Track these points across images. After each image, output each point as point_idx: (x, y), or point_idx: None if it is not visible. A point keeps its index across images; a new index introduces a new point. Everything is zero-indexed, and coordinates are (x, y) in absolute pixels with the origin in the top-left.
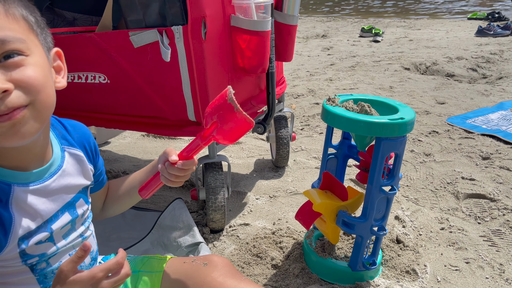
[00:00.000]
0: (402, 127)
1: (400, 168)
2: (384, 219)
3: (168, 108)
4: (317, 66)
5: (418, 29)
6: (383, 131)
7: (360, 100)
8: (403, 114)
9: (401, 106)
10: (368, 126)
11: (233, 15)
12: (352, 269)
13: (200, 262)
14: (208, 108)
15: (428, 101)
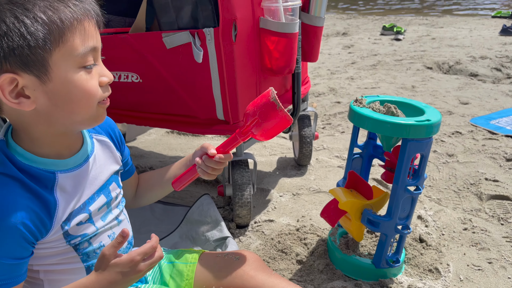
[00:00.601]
0: (428, 128)
1: (425, 168)
2: (408, 218)
3: (197, 107)
4: (338, 65)
5: (440, 27)
6: (410, 133)
7: (387, 101)
8: (429, 116)
9: (427, 108)
10: (395, 128)
11: (262, 17)
12: (375, 266)
13: (232, 256)
14: (249, 106)
15: (451, 101)
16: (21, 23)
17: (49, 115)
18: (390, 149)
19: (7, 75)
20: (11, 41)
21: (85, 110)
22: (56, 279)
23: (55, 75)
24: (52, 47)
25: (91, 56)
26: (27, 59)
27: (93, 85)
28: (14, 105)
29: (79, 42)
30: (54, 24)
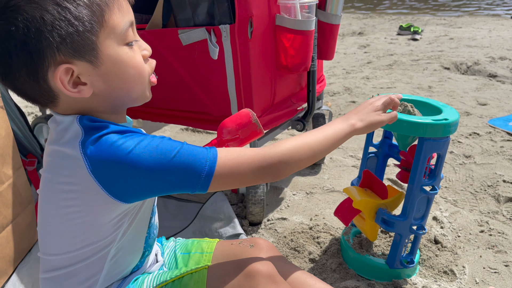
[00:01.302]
0: (446, 128)
1: (442, 168)
2: (423, 218)
3: (212, 104)
4: (353, 64)
5: (459, 27)
6: (427, 131)
7: (403, 100)
8: (447, 115)
9: (445, 107)
10: (412, 126)
11: (278, 14)
12: (389, 267)
13: (247, 244)
14: (228, 123)
15: (469, 102)
16: (66, 10)
17: (108, 96)
18: (406, 148)
19: (63, 65)
20: (60, 30)
21: (139, 85)
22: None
23: (105, 56)
24: (98, 28)
25: (131, 31)
26: (77, 45)
27: (140, 61)
28: (75, 94)
29: (119, 19)
30: (95, 4)
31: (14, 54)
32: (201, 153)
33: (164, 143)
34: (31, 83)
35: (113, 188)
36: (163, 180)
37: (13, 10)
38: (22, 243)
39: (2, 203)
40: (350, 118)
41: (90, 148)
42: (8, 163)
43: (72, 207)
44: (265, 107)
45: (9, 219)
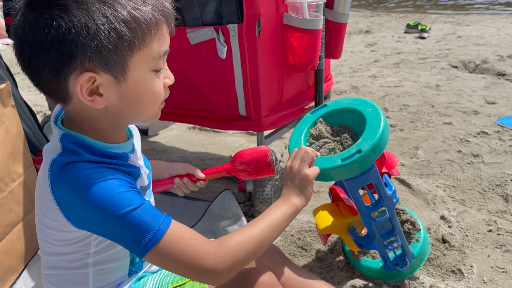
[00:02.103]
0: (361, 163)
1: (388, 189)
2: (393, 230)
3: (220, 102)
4: (360, 63)
5: (467, 25)
6: (340, 175)
7: (324, 114)
8: (364, 139)
9: (370, 116)
10: (322, 176)
11: (286, 13)
12: (386, 270)
13: None
14: (245, 155)
15: (477, 101)
16: (111, 25)
17: (117, 112)
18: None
19: (88, 73)
20: (100, 42)
21: (150, 110)
22: (102, 270)
23: (131, 76)
24: (135, 50)
25: (162, 60)
26: (109, 60)
27: (160, 88)
28: (88, 102)
29: (156, 47)
30: (139, 26)
31: (46, 49)
32: (152, 220)
33: (124, 194)
34: (51, 79)
35: (66, 210)
36: (105, 228)
37: (61, 9)
38: (32, 241)
39: (13, 200)
40: (288, 198)
41: (55, 169)
42: (19, 161)
43: (42, 213)
44: (273, 105)
45: (20, 217)
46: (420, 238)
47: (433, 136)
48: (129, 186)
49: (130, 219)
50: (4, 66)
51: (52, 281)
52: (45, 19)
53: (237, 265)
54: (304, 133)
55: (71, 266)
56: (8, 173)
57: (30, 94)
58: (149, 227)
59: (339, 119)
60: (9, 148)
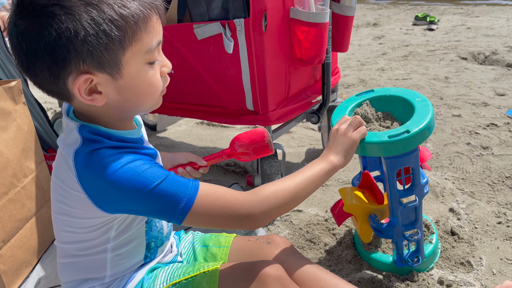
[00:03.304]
0: (407, 143)
1: (421, 178)
2: (416, 222)
3: (227, 97)
4: (368, 56)
5: (476, 16)
6: (383, 151)
7: (370, 98)
8: (412, 123)
9: (419, 105)
10: (364, 148)
11: (292, 7)
12: (396, 265)
13: (264, 240)
14: (242, 138)
15: (487, 93)
16: (100, 27)
17: (118, 106)
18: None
19: (84, 76)
20: (91, 45)
21: (150, 101)
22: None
23: (126, 72)
24: (126, 47)
25: (156, 52)
26: (103, 60)
27: (158, 79)
28: (88, 101)
29: (148, 40)
30: (128, 24)
31: (41, 55)
32: (182, 187)
33: (150, 170)
34: (51, 81)
35: (96, 197)
36: (140, 206)
37: (49, 16)
38: (45, 235)
39: (26, 196)
40: (327, 155)
41: (81, 159)
42: (31, 157)
43: (64, 203)
44: (280, 100)
45: (32, 212)
46: (433, 240)
47: (442, 129)
48: (153, 162)
49: (161, 190)
50: (15, 64)
51: (69, 269)
52: (36, 28)
53: (272, 211)
54: (348, 111)
55: (90, 252)
56: (21, 169)
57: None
58: (180, 193)
59: (383, 106)
60: (21, 145)
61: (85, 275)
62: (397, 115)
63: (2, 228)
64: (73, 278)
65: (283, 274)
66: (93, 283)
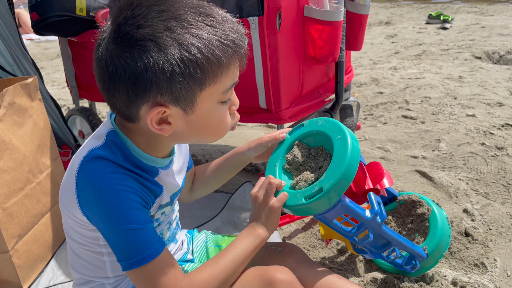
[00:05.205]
0: (324, 201)
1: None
2: (389, 244)
3: (240, 95)
4: (380, 54)
5: (491, 15)
6: (306, 211)
7: (301, 136)
8: (328, 175)
9: (338, 146)
10: (291, 210)
11: (307, 5)
12: (399, 269)
13: (275, 248)
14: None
15: (502, 92)
16: (186, 67)
17: (181, 136)
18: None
19: (159, 108)
20: (173, 82)
21: (217, 136)
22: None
23: (199, 108)
24: (205, 88)
25: (230, 92)
26: (179, 97)
27: (227, 117)
28: (157, 131)
29: (226, 83)
30: (211, 68)
31: (124, 82)
32: (148, 244)
33: (135, 212)
34: (125, 105)
35: (80, 198)
36: (106, 231)
37: (141, 49)
38: (60, 230)
39: (41, 191)
40: (254, 229)
41: (88, 158)
42: (46, 153)
43: (63, 197)
44: (293, 98)
45: (47, 207)
46: (436, 233)
47: (456, 129)
48: (142, 205)
49: (130, 235)
50: (31, 61)
51: (76, 266)
52: (126, 57)
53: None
54: (280, 158)
55: (89, 252)
56: (36, 164)
57: (54, 88)
58: (142, 249)
59: (316, 141)
60: (37, 141)
61: (90, 272)
62: (330, 149)
63: (18, 223)
64: (80, 275)
65: (293, 279)
66: (101, 281)
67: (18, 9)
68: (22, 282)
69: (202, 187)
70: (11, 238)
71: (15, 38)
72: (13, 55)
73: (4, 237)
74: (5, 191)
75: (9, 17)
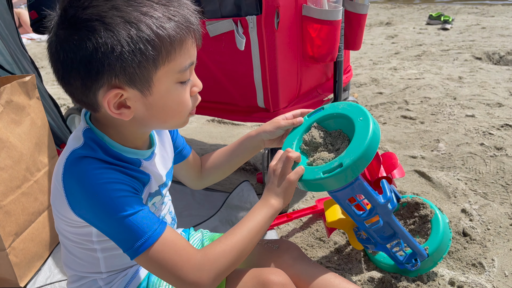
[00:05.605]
0: (342, 177)
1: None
2: (395, 235)
3: (238, 94)
4: (380, 55)
5: (491, 16)
6: (322, 187)
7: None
8: (348, 152)
9: (359, 126)
10: (304, 186)
11: (305, 4)
12: (399, 267)
13: (272, 245)
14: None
15: (501, 93)
16: (136, 45)
17: (143, 121)
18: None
19: (115, 90)
20: (125, 61)
21: (177, 119)
22: (112, 255)
23: (156, 89)
24: (159, 66)
25: (188, 72)
26: (134, 77)
27: (186, 98)
28: (116, 115)
29: (181, 61)
30: (163, 45)
31: (76, 67)
32: (146, 227)
33: (125, 199)
34: (82, 92)
35: (70, 197)
36: (101, 225)
37: (88, 30)
38: None
39: (38, 190)
40: (268, 199)
41: (71, 159)
42: (44, 151)
43: (54, 198)
44: (291, 97)
45: (45, 205)
46: (438, 235)
47: (455, 129)
48: (131, 192)
49: (126, 222)
50: (29, 60)
51: (69, 263)
52: (75, 40)
53: (220, 276)
54: (297, 138)
55: (81, 251)
56: (34, 163)
57: (54, 87)
58: (143, 232)
59: (335, 124)
60: (34, 139)
61: (83, 268)
62: (349, 133)
63: (15, 221)
64: (73, 272)
65: (287, 282)
66: (94, 276)
67: (19, 9)
68: (19, 280)
69: (214, 173)
70: (8, 236)
71: (14, 37)
72: (12, 54)
73: (1, 235)
74: (2, 189)
75: (8, 16)
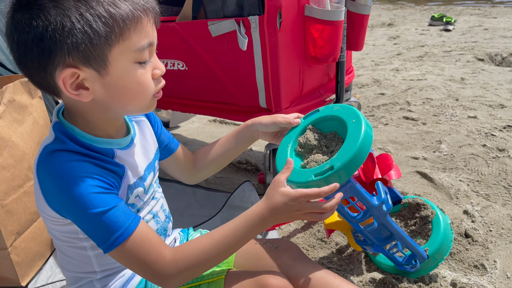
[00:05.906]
0: (333, 180)
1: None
2: (392, 236)
3: (240, 94)
4: (382, 56)
5: (494, 17)
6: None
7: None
8: (339, 155)
9: (352, 128)
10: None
11: (307, 5)
12: (399, 268)
13: (271, 244)
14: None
15: (504, 94)
16: (86, 21)
17: (105, 104)
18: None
19: (70, 69)
20: (76, 38)
21: (139, 101)
22: (102, 252)
23: (113, 69)
24: (113, 44)
25: (147, 52)
26: (88, 55)
27: (147, 79)
28: (74, 96)
29: (137, 39)
30: (115, 22)
31: (29, 47)
32: (120, 222)
33: (97, 196)
34: (39, 75)
35: (46, 194)
36: (77, 222)
37: (39, 8)
38: None
39: None
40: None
41: (43, 154)
42: None
43: (35, 195)
44: (293, 98)
45: None
46: (438, 236)
47: (457, 130)
48: (105, 188)
49: (97, 219)
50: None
51: (64, 263)
52: (26, 19)
53: (187, 275)
54: (293, 140)
55: (72, 250)
56: None
57: None
58: (116, 227)
59: (330, 126)
60: (36, 138)
61: (78, 269)
62: (343, 135)
63: (17, 220)
64: (70, 273)
65: (286, 285)
66: (89, 277)
67: None
68: (20, 279)
69: (208, 166)
70: (10, 235)
71: None
72: None
73: (3, 234)
74: (4, 188)
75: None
